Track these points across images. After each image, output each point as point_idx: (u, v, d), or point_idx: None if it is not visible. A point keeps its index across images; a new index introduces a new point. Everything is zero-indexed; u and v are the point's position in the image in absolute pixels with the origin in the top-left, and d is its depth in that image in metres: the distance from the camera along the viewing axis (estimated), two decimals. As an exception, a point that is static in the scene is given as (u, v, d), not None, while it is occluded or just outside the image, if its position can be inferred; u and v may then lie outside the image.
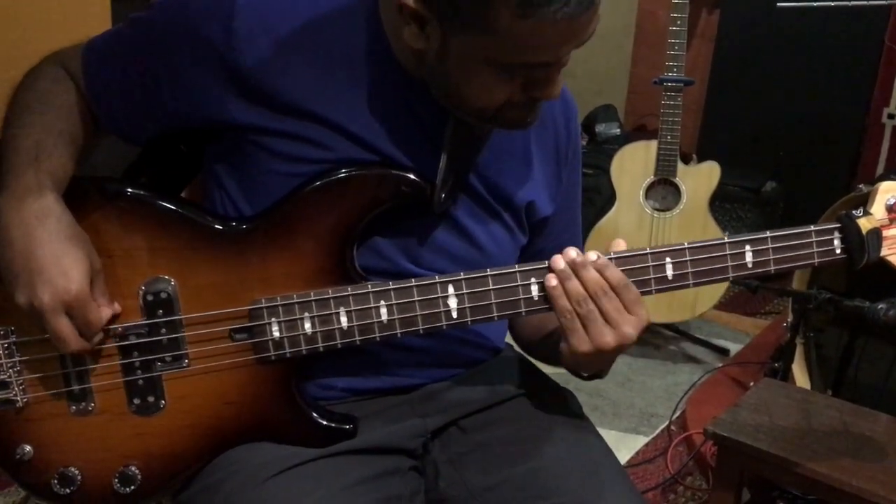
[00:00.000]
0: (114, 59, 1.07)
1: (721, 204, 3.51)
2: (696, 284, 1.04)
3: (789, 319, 2.20)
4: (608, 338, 0.98)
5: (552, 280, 0.99)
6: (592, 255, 0.99)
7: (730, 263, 1.03)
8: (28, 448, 1.02)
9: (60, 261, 0.93)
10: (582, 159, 1.25)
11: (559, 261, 0.99)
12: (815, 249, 1.05)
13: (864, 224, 1.05)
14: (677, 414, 2.60)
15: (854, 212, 1.06)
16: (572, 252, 0.99)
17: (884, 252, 1.06)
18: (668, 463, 2.37)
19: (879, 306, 1.79)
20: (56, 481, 1.02)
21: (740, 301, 3.50)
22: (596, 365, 1.07)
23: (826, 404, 1.72)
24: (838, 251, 1.06)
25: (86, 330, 0.96)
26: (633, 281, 1.00)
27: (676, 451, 2.43)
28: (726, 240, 1.03)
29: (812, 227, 1.05)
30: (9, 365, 1.00)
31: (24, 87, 1.06)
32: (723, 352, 3.06)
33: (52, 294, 0.93)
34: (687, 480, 2.31)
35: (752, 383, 2.24)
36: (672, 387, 2.81)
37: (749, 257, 1.04)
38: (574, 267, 0.98)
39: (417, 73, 1.01)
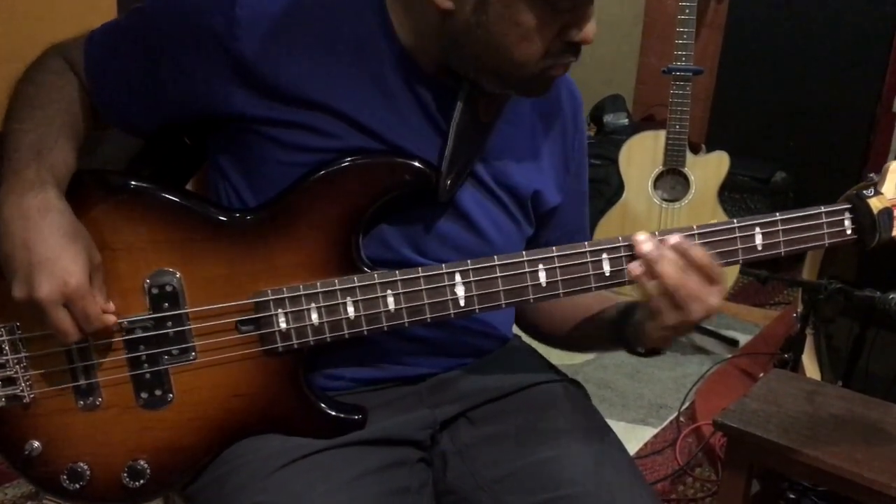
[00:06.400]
0: (115, 51, 1.06)
1: (730, 194, 3.50)
2: None
3: (799, 310, 2.19)
4: (696, 314, 0.97)
5: (637, 269, 0.99)
6: (673, 238, 0.99)
7: (740, 246, 1.02)
8: (36, 444, 1.01)
9: (60, 255, 0.93)
10: (590, 150, 1.25)
11: (646, 244, 0.99)
12: (826, 230, 1.03)
13: (875, 204, 1.05)
14: (686, 405, 2.59)
15: (865, 191, 1.06)
16: (648, 239, 0.99)
17: (895, 232, 1.05)
18: (677, 454, 2.37)
19: (890, 296, 1.79)
20: (65, 477, 1.02)
21: (750, 292, 3.49)
22: (669, 339, 1.05)
23: (836, 395, 1.71)
24: (849, 231, 1.05)
25: (85, 324, 0.95)
26: None
27: (685, 442, 2.42)
28: (736, 223, 1.02)
29: (822, 208, 1.05)
30: (15, 361, 1.00)
31: (25, 79, 1.06)
32: (732, 343, 3.05)
33: (50, 287, 0.92)
34: (696, 472, 2.30)
35: (761, 374, 2.23)
36: (681, 378, 2.80)
37: (759, 239, 1.03)
38: (661, 251, 0.98)
39: (423, 54, 1.01)
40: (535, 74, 0.99)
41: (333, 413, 1.06)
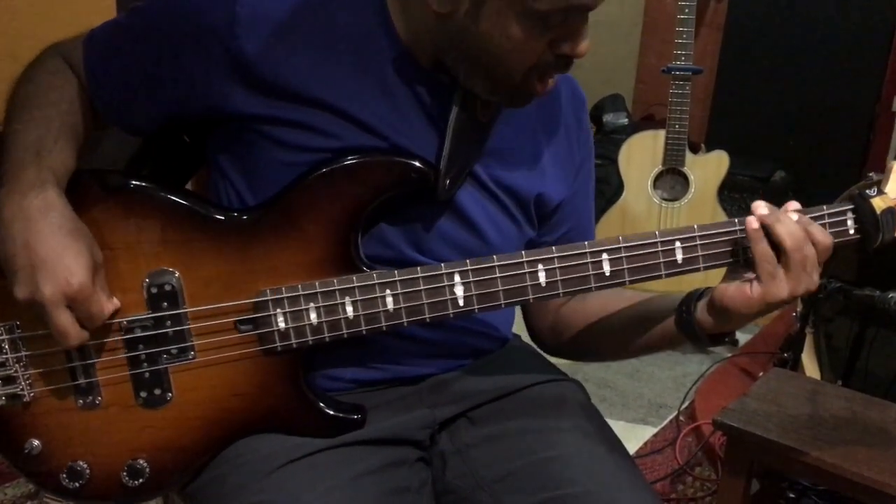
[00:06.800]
0: (115, 50, 1.06)
1: (730, 194, 3.49)
2: (706, 268, 1.03)
3: (799, 309, 2.19)
4: (803, 285, 0.98)
5: (754, 223, 0.98)
6: (793, 205, 1.01)
7: (741, 246, 1.02)
8: (36, 443, 1.01)
9: (62, 254, 0.93)
10: (591, 149, 1.25)
11: (762, 208, 0.99)
12: (829, 230, 1.02)
13: (878, 203, 1.03)
14: (686, 404, 2.59)
15: (868, 191, 1.05)
16: (766, 206, 0.99)
17: None
18: (677, 453, 2.37)
19: (890, 295, 1.79)
20: (65, 475, 1.02)
21: (749, 291, 3.49)
22: (750, 318, 1.03)
23: (836, 394, 1.71)
24: (852, 231, 1.05)
25: (88, 323, 0.96)
26: (643, 266, 1.01)
27: (685, 441, 2.43)
28: (736, 221, 1.02)
29: (825, 209, 1.04)
30: (14, 360, 1.00)
31: (24, 79, 1.06)
32: (732, 342, 3.05)
33: (53, 287, 0.92)
34: (696, 471, 2.30)
35: (761, 373, 2.23)
36: (681, 377, 2.80)
37: None
38: (780, 215, 0.98)
39: (422, 50, 1.01)
40: (519, 85, 0.99)
41: (332, 412, 1.06)
